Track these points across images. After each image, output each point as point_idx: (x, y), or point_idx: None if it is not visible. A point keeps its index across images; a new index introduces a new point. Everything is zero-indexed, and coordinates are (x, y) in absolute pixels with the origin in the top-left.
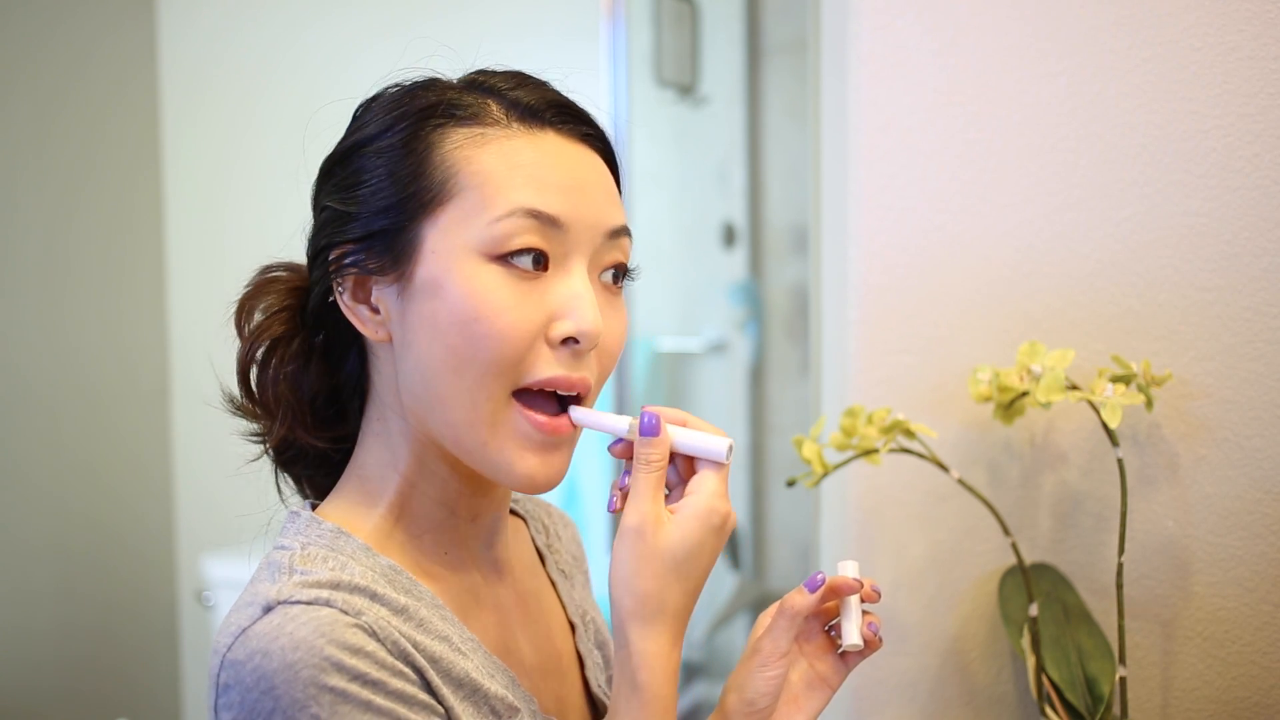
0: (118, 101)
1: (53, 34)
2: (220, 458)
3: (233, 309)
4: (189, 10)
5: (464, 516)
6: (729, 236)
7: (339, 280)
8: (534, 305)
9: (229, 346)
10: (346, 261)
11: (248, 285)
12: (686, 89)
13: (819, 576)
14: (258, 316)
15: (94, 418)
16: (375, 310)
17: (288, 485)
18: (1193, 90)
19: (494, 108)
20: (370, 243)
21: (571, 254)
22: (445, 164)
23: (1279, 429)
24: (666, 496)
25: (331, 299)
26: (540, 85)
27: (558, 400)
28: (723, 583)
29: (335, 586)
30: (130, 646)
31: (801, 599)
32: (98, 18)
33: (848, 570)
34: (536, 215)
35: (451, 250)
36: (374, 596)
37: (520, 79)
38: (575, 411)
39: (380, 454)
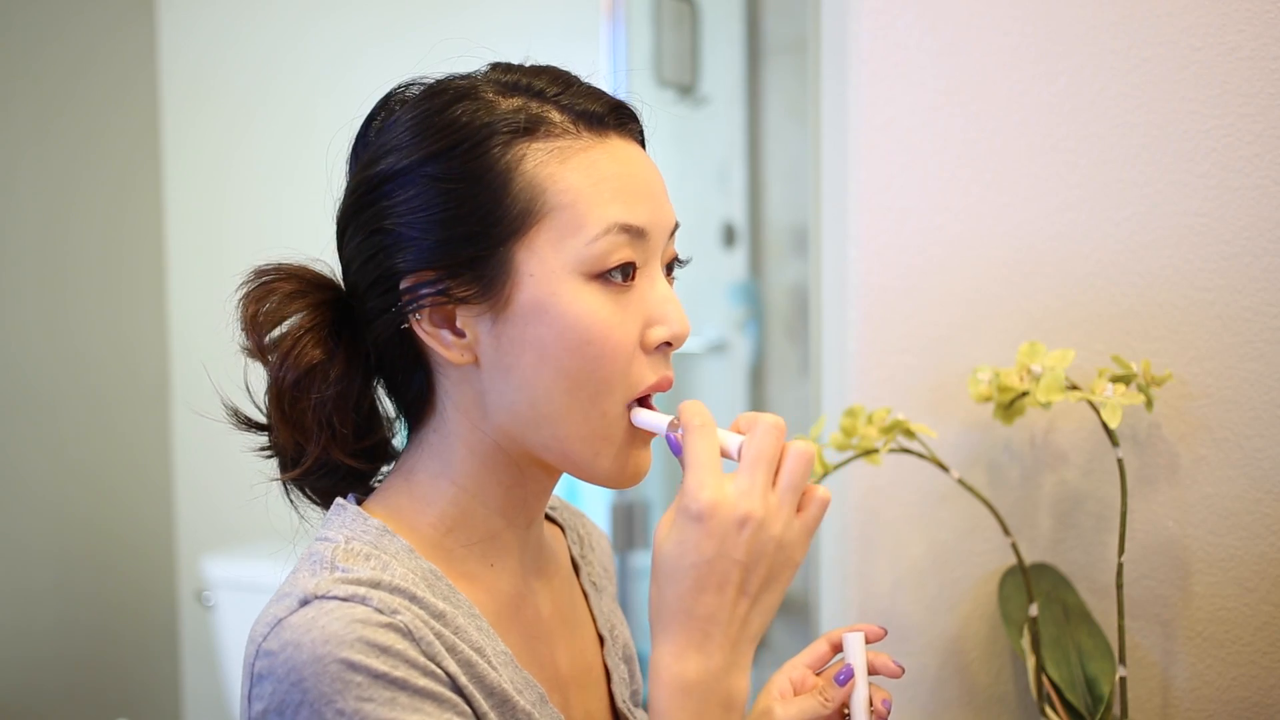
0: (118, 102)
1: (53, 34)
2: (220, 458)
3: (241, 323)
4: (189, 11)
5: (520, 524)
6: (729, 236)
7: (416, 309)
8: (631, 317)
9: (223, 347)
10: (425, 291)
11: (247, 296)
12: (686, 89)
13: (849, 668)
14: (275, 335)
15: (94, 418)
16: (459, 334)
17: (298, 499)
18: (1193, 90)
19: (558, 117)
20: (455, 270)
21: (651, 259)
22: (531, 184)
23: (1279, 429)
24: None
25: (405, 326)
26: (587, 87)
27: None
28: None
29: (375, 585)
30: (130, 646)
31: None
32: (98, 18)
33: (854, 644)
34: (628, 229)
35: (551, 273)
36: (413, 599)
37: (563, 80)
38: (638, 415)
39: (432, 463)
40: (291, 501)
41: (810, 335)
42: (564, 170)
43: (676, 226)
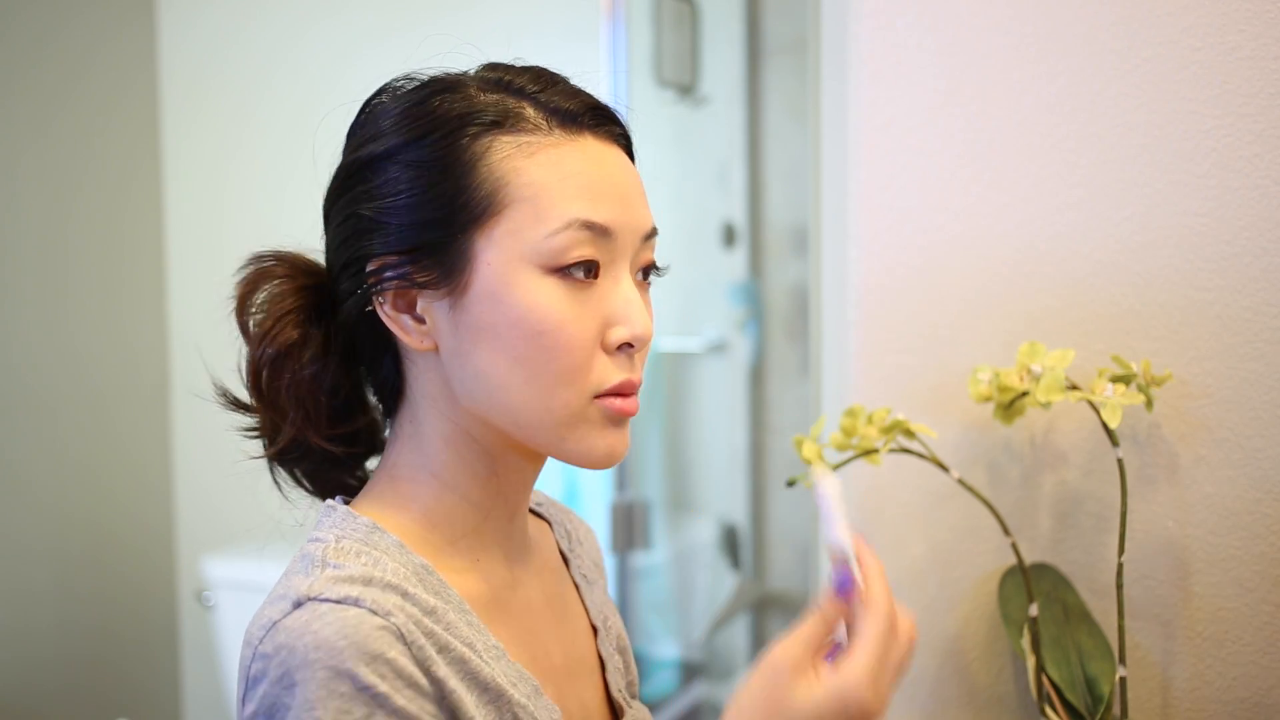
0: (118, 101)
1: (53, 34)
2: (220, 458)
3: (232, 304)
4: (189, 11)
5: (501, 517)
6: (729, 236)
7: (379, 292)
8: (590, 314)
9: (222, 338)
10: (389, 275)
11: (243, 280)
12: (686, 89)
13: (847, 577)
14: (259, 315)
15: (94, 418)
16: (420, 320)
17: (287, 484)
18: (1193, 90)
19: (532, 113)
20: (416, 256)
21: (618, 260)
22: (494, 175)
23: (1279, 429)
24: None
25: (369, 309)
26: (569, 86)
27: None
28: (722, 583)
29: (367, 582)
30: (130, 646)
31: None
32: (98, 18)
33: (830, 485)
34: (590, 226)
35: (508, 263)
36: (405, 595)
37: (546, 79)
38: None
39: (411, 456)
40: (278, 484)
41: (810, 335)
42: (529, 164)
43: (654, 232)
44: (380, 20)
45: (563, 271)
